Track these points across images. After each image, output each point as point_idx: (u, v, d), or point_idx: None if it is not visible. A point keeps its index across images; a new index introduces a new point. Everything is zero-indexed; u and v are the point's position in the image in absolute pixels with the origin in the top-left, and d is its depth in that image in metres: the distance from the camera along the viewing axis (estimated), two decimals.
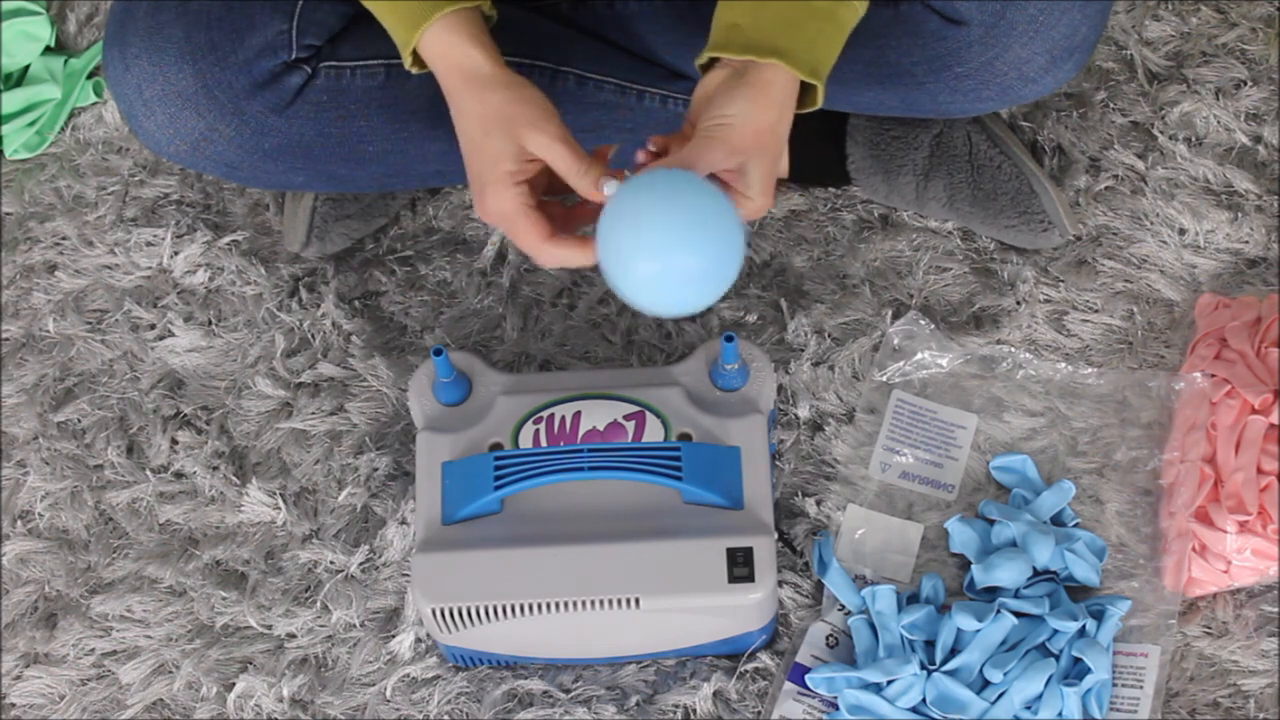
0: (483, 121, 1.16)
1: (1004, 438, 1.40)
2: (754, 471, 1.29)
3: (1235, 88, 1.55)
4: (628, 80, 1.38)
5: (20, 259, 1.55)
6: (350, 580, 1.38)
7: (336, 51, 1.30)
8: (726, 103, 1.13)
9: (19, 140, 1.60)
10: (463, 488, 1.29)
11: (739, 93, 1.13)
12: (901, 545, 1.36)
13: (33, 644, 1.38)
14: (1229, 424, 1.34)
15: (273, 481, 1.43)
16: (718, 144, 1.12)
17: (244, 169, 1.33)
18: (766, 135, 1.14)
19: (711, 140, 1.13)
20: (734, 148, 1.13)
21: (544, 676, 1.33)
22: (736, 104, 1.13)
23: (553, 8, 1.39)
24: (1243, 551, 1.30)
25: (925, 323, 1.43)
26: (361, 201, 1.48)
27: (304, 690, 1.34)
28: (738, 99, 1.13)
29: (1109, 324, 1.45)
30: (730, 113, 1.13)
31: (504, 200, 1.15)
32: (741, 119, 1.13)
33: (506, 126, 1.15)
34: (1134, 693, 1.28)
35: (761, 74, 1.13)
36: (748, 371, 1.33)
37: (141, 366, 1.49)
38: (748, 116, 1.13)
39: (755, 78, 1.13)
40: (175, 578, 1.39)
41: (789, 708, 1.29)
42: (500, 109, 1.15)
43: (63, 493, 1.44)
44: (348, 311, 1.49)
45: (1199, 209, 1.49)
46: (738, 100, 1.13)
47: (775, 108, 1.14)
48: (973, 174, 1.45)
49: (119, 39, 1.27)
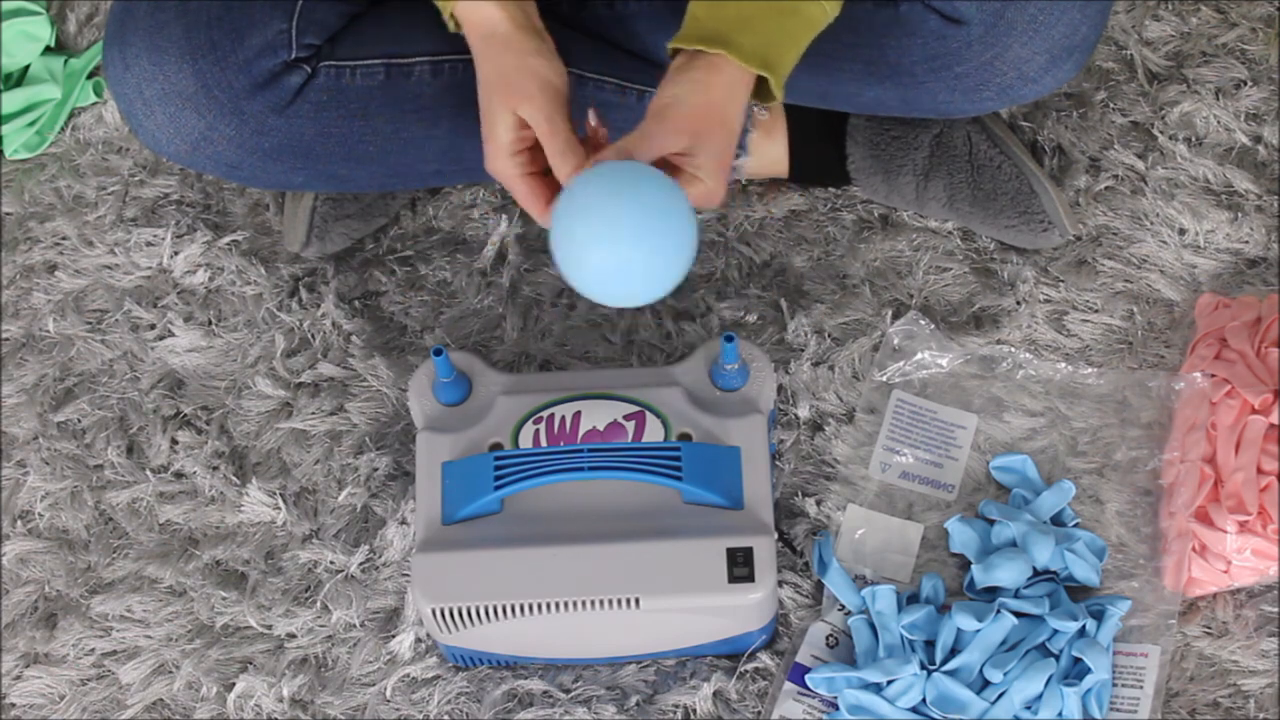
0: (489, 85, 1.18)
1: (1004, 438, 1.40)
2: (754, 471, 1.29)
3: (1235, 88, 1.55)
4: (627, 80, 1.38)
5: (20, 259, 1.55)
6: (350, 580, 1.38)
7: (336, 51, 1.30)
8: (672, 85, 1.16)
9: (19, 140, 1.60)
10: (463, 488, 1.29)
11: (684, 75, 1.16)
12: (901, 545, 1.36)
13: (33, 644, 1.38)
14: (1229, 424, 1.34)
15: (273, 481, 1.43)
16: (661, 122, 1.15)
17: (244, 169, 1.33)
18: (711, 116, 1.16)
19: (655, 119, 1.15)
20: (676, 126, 1.15)
21: (544, 676, 1.33)
22: (681, 86, 1.16)
23: (553, 8, 1.39)
24: (1243, 551, 1.30)
25: (925, 323, 1.43)
26: (361, 201, 1.48)
27: (304, 690, 1.34)
28: (682, 81, 1.16)
29: (1109, 324, 1.45)
30: (674, 93, 1.16)
31: (501, 166, 1.18)
32: (684, 99, 1.15)
33: (506, 94, 1.17)
34: (1134, 693, 1.28)
35: (710, 61, 1.15)
36: (748, 371, 1.33)
37: (141, 366, 1.49)
38: (691, 96, 1.15)
39: (703, 63, 1.15)
40: (175, 578, 1.39)
41: (789, 708, 1.29)
42: (505, 74, 1.18)
43: (63, 493, 1.44)
44: (348, 311, 1.49)
45: (1199, 209, 1.49)
46: (682, 83, 1.16)
47: (720, 89, 1.16)
48: (973, 174, 1.45)
49: (119, 39, 1.27)
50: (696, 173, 1.15)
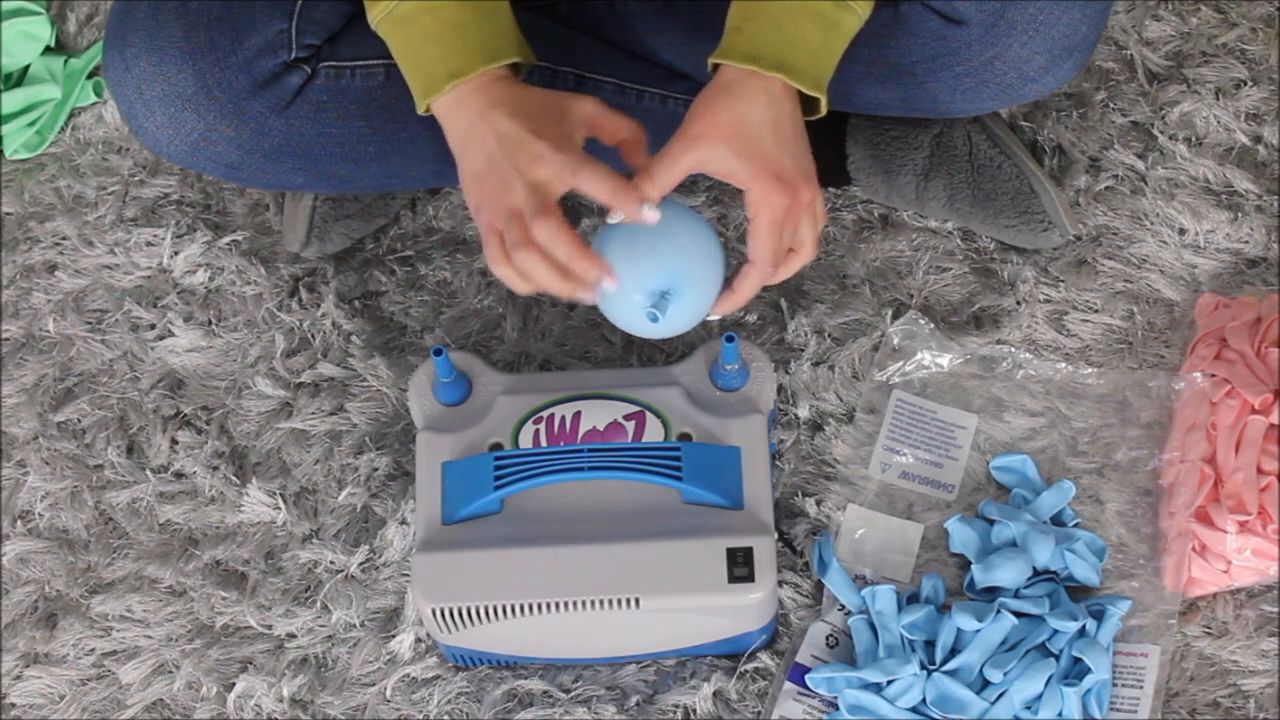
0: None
1: (1004, 438, 1.40)
2: (754, 471, 1.29)
3: (1235, 88, 1.55)
4: (627, 80, 1.38)
5: (20, 259, 1.55)
6: (350, 580, 1.38)
7: (336, 51, 1.30)
8: (696, 101, 1.16)
9: (19, 140, 1.60)
10: (463, 488, 1.29)
11: (708, 91, 1.16)
12: (901, 545, 1.36)
13: (33, 644, 1.38)
14: (1229, 424, 1.34)
15: (273, 481, 1.43)
16: (677, 137, 1.15)
17: (244, 169, 1.33)
18: (735, 126, 1.15)
19: (676, 136, 1.15)
20: (691, 135, 1.15)
21: (544, 676, 1.33)
22: (702, 101, 1.16)
23: (552, 8, 1.39)
24: (1243, 551, 1.30)
25: (925, 323, 1.43)
26: (361, 201, 1.48)
27: (304, 690, 1.34)
28: (705, 96, 1.16)
29: (1109, 324, 1.45)
30: (695, 109, 1.16)
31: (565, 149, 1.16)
32: (701, 109, 1.15)
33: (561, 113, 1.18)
34: (1134, 693, 1.28)
35: (759, 79, 1.15)
36: (748, 371, 1.33)
37: (141, 366, 1.49)
38: (708, 108, 1.15)
39: (726, 79, 1.15)
40: (175, 578, 1.39)
41: (789, 708, 1.29)
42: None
43: (63, 493, 1.44)
44: (348, 311, 1.49)
45: (1199, 209, 1.49)
46: (704, 98, 1.16)
47: (748, 101, 1.15)
48: (973, 174, 1.45)
49: (119, 39, 1.27)
50: (736, 182, 1.16)
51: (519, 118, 1.15)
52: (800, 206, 1.17)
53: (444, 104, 1.18)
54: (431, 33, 1.17)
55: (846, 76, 1.33)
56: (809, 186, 1.17)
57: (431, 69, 1.17)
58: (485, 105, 1.16)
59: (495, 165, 1.15)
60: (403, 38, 1.19)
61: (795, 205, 1.16)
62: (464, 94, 1.17)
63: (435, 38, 1.17)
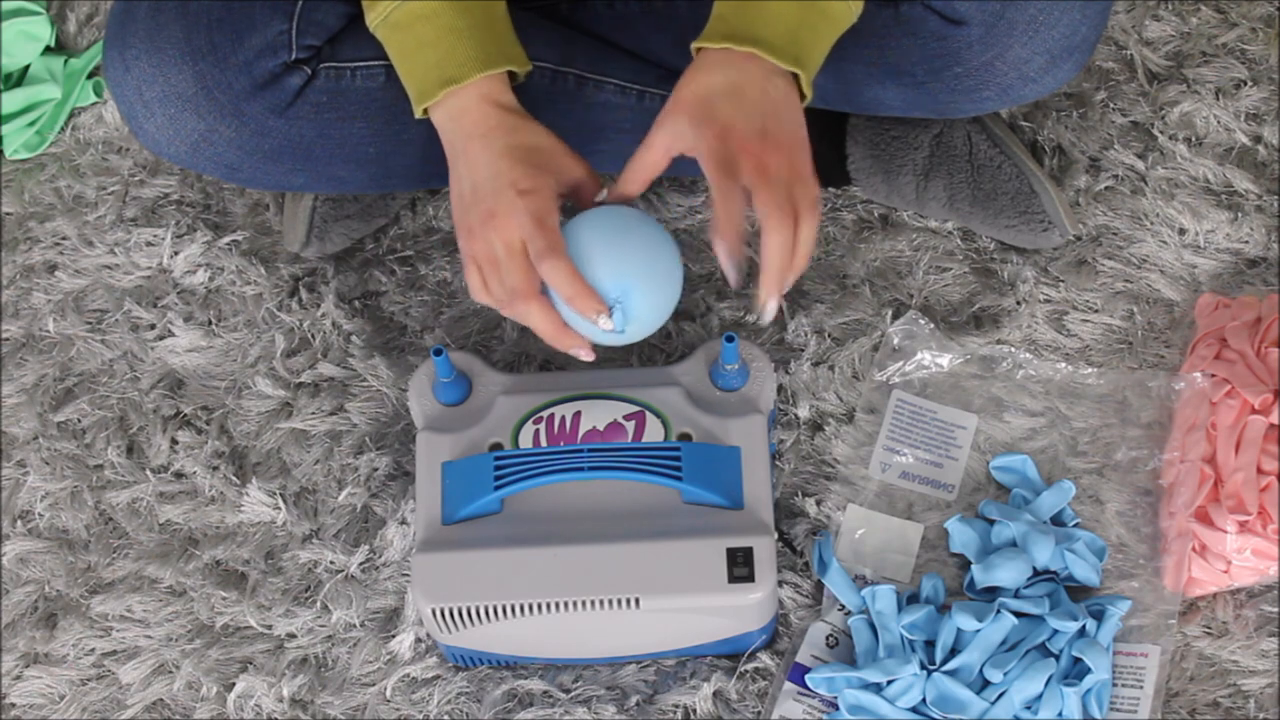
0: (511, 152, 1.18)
1: (1004, 438, 1.40)
2: (754, 471, 1.29)
3: (1235, 88, 1.55)
4: (628, 80, 1.38)
5: (20, 259, 1.55)
6: (350, 580, 1.38)
7: (336, 52, 1.30)
8: (706, 75, 1.15)
9: (19, 140, 1.60)
10: (463, 488, 1.29)
11: (684, 73, 1.16)
12: (901, 545, 1.36)
13: (33, 644, 1.38)
14: (1229, 424, 1.34)
15: (273, 481, 1.43)
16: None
17: (244, 170, 1.33)
18: (695, 95, 1.14)
19: (686, 117, 1.15)
20: (659, 116, 1.15)
21: (544, 676, 1.33)
22: (676, 84, 1.15)
23: (553, 8, 1.39)
24: (1243, 551, 1.30)
25: (925, 323, 1.43)
26: (361, 201, 1.48)
27: (304, 690, 1.34)
28: (680, 79, 1.16)
29: (1109, 324, 1.45)
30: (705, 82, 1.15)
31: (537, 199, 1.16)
32: (672, 92, 1.15)
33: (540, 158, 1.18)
34: (1134, 693, 1.28)
35: (736, 58, 1.14)
36: (748, 371, 1.33)
37: (141, 366, 1.49)
38: (676, 87, 1.15)
39: (731, 59, 1.15)
40: (175, 578, 1.39)
41: (789, 708, 1.29)
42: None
43: (63, 493, 1.44)
44: (348, 311, 1.49)
45: (1199, 209, 1.49)
46: (679, 81, 1.15)
47: (709, 72, 1.14)
48: (973, 174, 1.45)
49: (119, 40, 1.27)
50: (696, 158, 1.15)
51: (507, 158, 1.16)
52: (748, 151, 1.13)
53: (438, 111, 1.18)
54: (427, 38, 1.17)
55: (847, 76, 1.33)
56: (778, 151, 1.13)
57: (426, 75, 1.18)
58: (474, 131, 1.17)
59: (480, 197, 1.16)
60: (399, 42, 1.19)
61: (739, 144, 1.13)
62: (459, 102, 1.17)
63: (431, 43, 1.17)
